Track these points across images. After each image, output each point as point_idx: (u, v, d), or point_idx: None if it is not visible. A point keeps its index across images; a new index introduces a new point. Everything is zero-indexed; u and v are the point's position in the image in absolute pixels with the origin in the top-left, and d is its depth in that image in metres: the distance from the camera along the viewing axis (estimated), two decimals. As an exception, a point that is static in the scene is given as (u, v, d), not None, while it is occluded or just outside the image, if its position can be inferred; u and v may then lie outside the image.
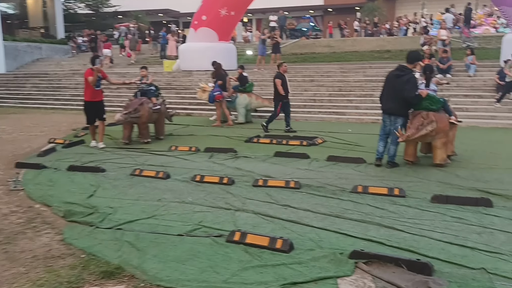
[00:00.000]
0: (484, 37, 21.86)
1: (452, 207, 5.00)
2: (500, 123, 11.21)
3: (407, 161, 7.26)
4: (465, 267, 3.55)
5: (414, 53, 7.08)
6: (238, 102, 12.41)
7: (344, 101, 14.53)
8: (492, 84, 13.29)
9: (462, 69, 15.04)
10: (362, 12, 32.66)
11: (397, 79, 6.86)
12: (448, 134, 7.08)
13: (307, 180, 6.26)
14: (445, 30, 17.24)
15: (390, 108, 7.00)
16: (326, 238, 4.20)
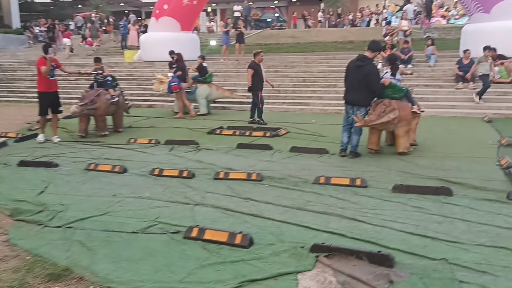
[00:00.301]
0: (443, 28, 22.32)
1: (412, 197, 4.99)
2: (459, 112, 11.44)
3: (371, 150, 7.29)
4: (426, 258, 3.52)
5: (376, 43, 7.04)
6: (198, 93, 12.13)
7: (308, 91, 14.51)
8: (451, 74, 13.54)
9: (423, 59, 15.28)
10: (326, 3, 32.76)
11: (358, 69, 6.83)
12: (410, 123, 7.14)
13: (269, 172, 6.14)
14: (406, 21, 17.44)
15: (352, 98, 6.97)
16: (287, 232, 4.08)
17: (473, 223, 4.21)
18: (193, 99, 12.36)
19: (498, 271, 3.28)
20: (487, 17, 14.03)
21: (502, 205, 4.65)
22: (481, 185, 5.34)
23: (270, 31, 28.90)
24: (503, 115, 10.96)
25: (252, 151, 7.55)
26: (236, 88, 15.35)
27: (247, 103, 14.07)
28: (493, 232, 3.98)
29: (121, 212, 4.67)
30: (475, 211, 4.51)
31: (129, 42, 23.89)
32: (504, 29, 13.34)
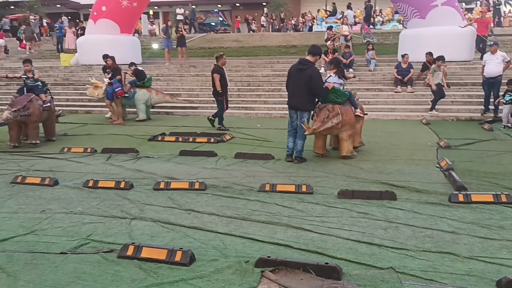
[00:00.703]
0: (383, 33, 23.06)
1: (358, 202, 4.94)
2: (399, 114, 11.74)
3: (317, 154, 7.27)
4: (373, 267, 3.42)
5: (316, 47, 6.96)
6: (138, 97, 11.64)
7: (253, 96, 14.40)
8: (391, 78, 13.92)
9: (364, 64, 15.63)
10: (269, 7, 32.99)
11: (300, 73, 6.73)
12: (354, 126, 7.17)
13: (213, 180, 5.91)
14: (347, 26, 17.80)
15: (296, 103, 6.86)
16: (232, 245, 3.86)
17: (418, 227, 4.19)
18: (132, 104, 11.87)
19: (445, 278, 3.23)
20: (423, 22, 14.59)
21: (444, 208, 4.69)
22: (423, 188, 5.39)
23: (214, 34, 28.67)
24: (440, 117, 11.36)
25: (195, 158, 7.28)
26: (179, 93, 15.00)
27: (191, 108, 13.76)
28: (438, 237, 3.97)
29: (49, 230, 4.25)
30: (418, 215, 4.50)
31: (65, 45, 22.80)
32: (439, 34, 13.92)
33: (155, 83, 16.14)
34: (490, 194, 4.91)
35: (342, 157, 7.09)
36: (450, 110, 11.53)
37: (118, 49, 17.33)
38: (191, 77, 16.39)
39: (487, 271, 3.34)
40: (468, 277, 3.25)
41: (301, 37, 23.59)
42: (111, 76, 11.04)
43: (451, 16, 14.41)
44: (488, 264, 3.45)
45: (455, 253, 3.63)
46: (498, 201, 4.77)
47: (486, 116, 10.90)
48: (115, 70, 11.09)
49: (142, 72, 12.17)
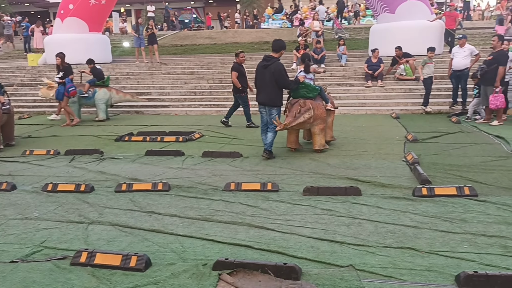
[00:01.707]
0: (354, 29, 23.19)
1: (323, 199, 4.89)
2: (369, 109, 11.80)
3: (290, 148, 7.34)
4: (333, 266, 3.36)
5: (279, 42, 6.90)
6: (98, 97, 11.35)
7: (225, 93, 14.25)
8: (361, 72, 13.98)
9: (335, 59, 15.67)
10: (242, 4, 32.82)
11: (265, 69, 6.75)
12: (325, 120, 7.24)
13: (178, 180, 5.78)
14: (318, 22, 17.81)
15: (264, 99, 6.87)
16: (191, 247, 3.76)
17: (380, 223, 4.16)
18: (91, 104, 11.58)
19: (404, 274, 3.20)
20: (392, 17, 14.70)
21: (407, 203, 4.68)
22: (389, 183, 5.39)
23: (187, 32, 28.39)
24: (409, 111, 11.47)
25: (162, 158, 7.13)
26: (150, 91, 14.77)
27: (162, 107, 13.55)
28: (399, 232, 3.94)
29: (1, 238, 4.06)
30: (382, 211, 4.48)
31: (33, 44, 22.19)
32: (408, 28, 14.05)
33: (126, 82, 15.91)
34: (453, 187, 4.92)
35: (311, 153, 7.10)
36: (419, 103, 11.62)
37: (86, 48, 16.99)
38: (162, 75, 16.14)
39: (447, 266, 3.31)
40: (427, 272, 3.22)
41: (274, 33, 23.51)
42: (62, 75, 10.59)
43: (419, 10, 14.55)
44: (448, 258, 3.43)
45: (416, 248, 3.60)
46: (461, 194, 4.79)
47: (455, 109, 11.04)
48: (67, 69, 10.64)
49: (100, 71, 11.88)
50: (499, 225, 4.02)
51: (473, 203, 4.57)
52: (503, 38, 9.54)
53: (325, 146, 7.27)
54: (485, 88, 9.31)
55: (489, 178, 5.42)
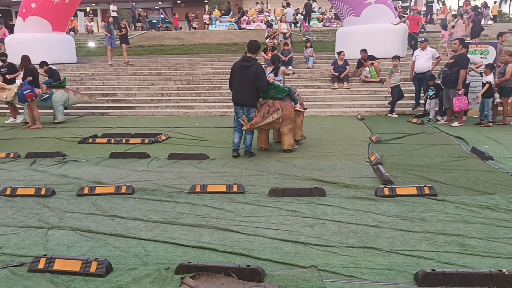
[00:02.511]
0: (321, 31, 23.49)
1: (288, 200, 4.92)
2: (335, 111, 11.97)
3: (261, 148, 7.48)
4: (297, 266, 3.39)
5: (255, 43, 7.10)
6: (56, 99, 11.07)
7: (193, 94, 14.19)
8: (328, 74, 14.17)
9: (302, 61, 15.83)
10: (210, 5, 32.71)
11: (245, 70, 6.86)
12: (294, 120, 7.39)
13: (142, 183, 5.70)
14: (286, 24, 17.95)
15: (242, 99, 6.99)
16: (154, 251, 3.71)
17: (343, 223, 4.22)
18: (48, 107, 11.28)
19: (365, 273, 3.25)
20: (358, 20, 14.98)
21: (370, 203, 4.76)
22: (352, 183, 5.47)
23: (154, 32, 28.08)
24: (374, 112, 11.70)
25: (126, 160, 7.01)
26: (116, 93, 14.53)
27: (128, 108, 13.33)
28: (362, 232, 4.01)
29: (-46, 246, 3.90)
30: (345, 211, 4.54)
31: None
32: (373, 31, 14.34)
33: (91, 83, 15.60)
34: (414, 187, 5.05)
35: (277, 154, 7.18)
36: (383, 105, 11.88)
37: (49, 48, 16.60)
38: (129, 76, 15.90)
39: (407, 264, 3.39)
40: (387, 271, 3.29)
41: (243, 34, 23.58)
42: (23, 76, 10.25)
43: (384, 14, 14.89)
44: (408, 257, 3.51)
45: (377, 248, 3.67)
46: (422, 194, 4.91)
47: (417, 110, 11.33)
48: (27, 70, 10.30)
49: (56, 72, 11.59)
50: (457, 223, 4.14)
51: (433, 202, 4.70)
52: (464, 42, 9.84)
53: (293, 146, 7.43)
54: (447, 90, 9.59)
55: (448, 178, 5.59)
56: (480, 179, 5.49)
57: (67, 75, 16.01)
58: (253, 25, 26.78)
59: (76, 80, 15.80)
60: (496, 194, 4.89)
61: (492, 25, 23.79)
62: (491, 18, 27.63)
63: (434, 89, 10.08)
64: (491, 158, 6.43)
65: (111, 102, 13.75)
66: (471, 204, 4.59)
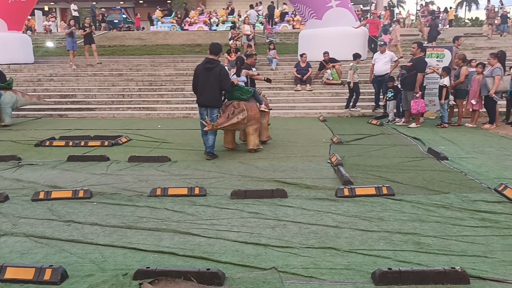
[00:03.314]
0: (284, 33, 23.69)
1: (250, 202, 4.92)
2: (298, 112, 12.09)
3: (227, 148, 7.57)
4: (257, 269, 3.39)
5: (217, 45, 7.17)
6: (5, 101, 10.66)
7: (155, 95, 14.01)
8: (291, 76, 14.30)
9: (266, 63, 15.90)
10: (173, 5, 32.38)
11: (209, 71, 6.93)
12: (259, 121, 7.52)
13: (101, 187, 5.56)
14: (249, 26, 17.99)
15: (206, 101, 7.03)
16: (112, 257, 3.62)
17: (304, 224, 4.26)
18: None
19: (325, 274, 3.29)
20: (320, 23, 15.20)
21: (330, 203, 4.83)
22: (314, 184, 5.53)
23: (116, 32, 27.54)
24: (336, 114, 11.89)
25: (85, 163, 6.83)
26: (75, 94, 14.16)
27: (88, 110, 13.00)
28: (322, 232, 4.06)
29: None
30: (306, 212, 4.58)
31: None
32: (335, 34, 14.59)
33: (49, 84, 15.13)
34: (373, 187, 5.15)
35: (240, 156, 7.19)
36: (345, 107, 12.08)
37: (4, 48, 16.03)
38: (88, 77, 15.52)
39: (364, 263, 3.45)
40: (346, 271, 3.34)
41: (206, 36, 23.48)
42: None
43: (345, 17, 15.18)
44: (366, 256, 3.57)
45: (336, 248, 3.72)
46: (380, 194, 5.02)
47: (377, 112, 11.60)
48: None
49: (1, 73, 11.17)
50: (413, 222, 4.26)
51: (390, 202, 4.81)
52: (422, 46, 10.15)
53: (259, 146, 7.56)
54: (405, 92, 9.86)
55: (405, 178, 5.75)
56: (435, 179, 5.67)
57: (23, 75, 15.53)
58: (195, 27, 27.01)
59: (34, 81, 15.29)
60: (450, 193, 5.06)
61: (449, 29, 24.68)
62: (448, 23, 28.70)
63: (393, 91, 10.36)
64: (446, 158, 6.65)
65: (70, 104, 13.39)
66: (427, 203, 4.73)
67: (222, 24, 27.54)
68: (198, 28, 27.17)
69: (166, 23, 28.10)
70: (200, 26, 27.47)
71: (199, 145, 7.88)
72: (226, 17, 27.90)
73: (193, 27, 27.22)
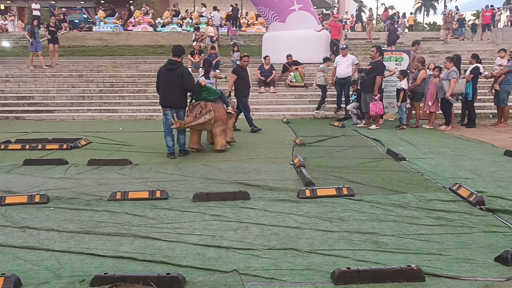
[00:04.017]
0: (249, 35, 23.74)
1: (212, 204, 4.89)
2: (262, 114, 12.15)
3: (192, 149, 7.64)
4: (218, 272, 3.37)
5: (179, 47, 7.27)
6: None
7: (117, 97, 13.75)
8: (255, 79, 14.31)
9: (230, 65, 15.87)
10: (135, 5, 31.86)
11: (171, 73, 7.02)
12: (226, 122, 7.65)
13: (59, 192, 5.41)
14: (213, 27, 17.94)
15: (170, 102, 7.13)
16: (68, 263, 3.52)
17: (266, 226, 4.27)
18: None
19: (285, 275, 3.31)
20: (283, 25, 15.33)
21: (292, 205, 4.87)
22: (276, 186, 5.57)
23: (76, 32, 26.82)
24: (299, 115, 12.03)
25: (42, 167, 6.62)
26: (32, 95, 13.69)
27: (46, 112, 12.60)
28: (283, 234, 4.08)
29: None
30: (268, 213, 4.60)
31: None
32: (297, 36, 14.74)
33: (4, 85, 14.58)
34: (334, 188, 5.23)
35: (203, 158, 7.18)
36: (308, 109, 12.26)
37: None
38: (47, 78, 15.06)
39: (324, 263, 3.49)
40: (306, 271, 3.37)
41: (169, 36, 23.22)
42: None
43: (307, 20, 15.38)
44: (326, 256, 3.62)
45: (297, 249, 3.75)
46: (340, 194, 5.11)
47: (339, 114, 11.81)
48: None
49: None
50: (372, 222, 4.35)
51: (350, 202, 4.90)
52: (381, 49, 10.40)
53: (226, 146, 7.71)
54: (365, 95, 10.08)
55: (365, 178, 5.87)
56: (393, 179, 5.82)
57: None
58: (139, 27, 26.82)
59: (-13, 82, 14.69)
60: (407, 193, 5.21)
61: (407, 34, 25.42)
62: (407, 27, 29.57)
63: (356, 93, 10.57)
64: (404, 159, 6.85)
65: (27, 106, 12.95)
66: (385, 203, 4.85)
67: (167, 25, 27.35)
68: (142, 29, 26.85)
69: (109, 23, 27.62)
70: (144, 27, 27.10)
71: (161, 147, 7.79)
72: (171, 19, 27.74)
73: (137, 28, 26.89)
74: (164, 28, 27.00)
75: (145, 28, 26.81)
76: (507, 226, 4.19)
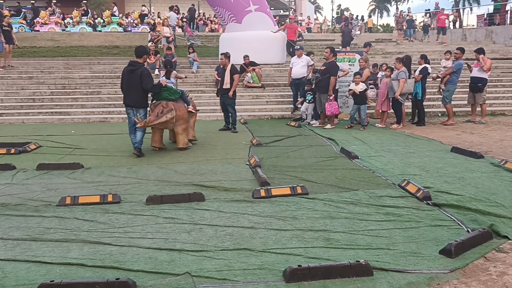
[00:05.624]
0: (206, 36, 23.62)
1: (166, 207, 4.84)
2: (220, 115, 12.03)
3: (154, 148, 7.77)
4: (170, 275, 3.33)
5: (141, 48, 7.67)
6: None
7: (69, 99, 13.35)
8: (212, 79, 14.28)
9: (187, 65, 15.76)
10: (89, 5, 31.01)
11: (131, 73, 7.28)
12: (187, 121, 7.86)
13: (5, 198, 5.20)
14: (168, 28, 17.73)
15: (130, 101, 7.37)
16: (13, 272, 3.38)
17: (220, 227, 4.26)
18: None
19: (238, 275, 3.31)
20: (239, 26, 15.34)
21: (247, 205, 4.88)
22: (232, 187, 5.57)
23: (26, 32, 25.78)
24: (256, 116, 12.09)
25: (-13, 173, 6.33)
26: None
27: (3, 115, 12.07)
28: (237, 234, 4.09)
29: None
30: (223, 214, 4.60)
31: None
32: (254, 37, 14.80)
33: None
34: (288, 187, 5.28)
35: (158, 161, 7.11)
36: (265, 109, 12.33)
37: None
38: (-6, 80, 14.40)
39: (277, 262, 3.52)
40: (259, 270, 3.39)
41: (125, 37, 22.75)
42: None
43: (264, 22, 15.46)
44: (279, 255, 3.65)
45: (251, 248, 3.76)
46: (295, 193, 5.17)
47: (296, 114, 11.95)
48: None
49: None
50: (324, 219, 4.43)
51: (304, 201, 4.97)
52: (334, 51, 10.60)
53: (188, 144, 7.94)
54: (319, 95, 10.25)
55: (319, 177, 5.97)
56: (346, 177, 5.95)
57: None
58: (46, 28, 26.47)
59: None
60: (359, 190, 5.34)
61: (361, 35, 26.07)
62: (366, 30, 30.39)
63: (311, 93, 10.73)
64: (357, 157, 7.01)
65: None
66: (338, 201, 4.95)
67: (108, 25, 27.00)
68: (49, 29, 26.41)
69: (14, 23, 26.82)
70: (52, 27, 26.68)
71: (115, 150, 7.64)
72: (110, 19, 27.36)
73: (44, 28, 26.42)
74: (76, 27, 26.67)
75: (52, 29, 26.36)
76: (452, 220, 4.37)
